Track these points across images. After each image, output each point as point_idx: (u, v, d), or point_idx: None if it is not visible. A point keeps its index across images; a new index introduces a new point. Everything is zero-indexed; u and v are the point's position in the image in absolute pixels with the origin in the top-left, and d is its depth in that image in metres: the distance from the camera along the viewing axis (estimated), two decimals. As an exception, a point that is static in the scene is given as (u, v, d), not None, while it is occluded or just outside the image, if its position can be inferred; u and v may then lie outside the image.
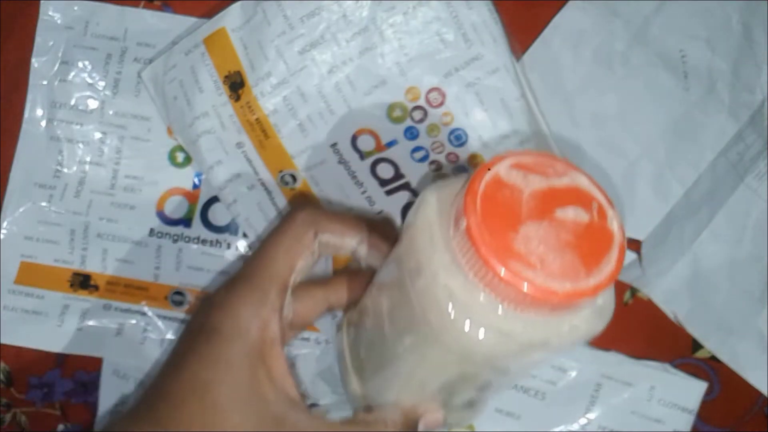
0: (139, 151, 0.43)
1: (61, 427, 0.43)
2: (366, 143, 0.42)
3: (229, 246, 0.43)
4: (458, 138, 0.42)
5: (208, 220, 0.43)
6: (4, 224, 0.43)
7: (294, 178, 0.41)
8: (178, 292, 0.43)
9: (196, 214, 0.43)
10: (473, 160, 0.42)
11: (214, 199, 0.43)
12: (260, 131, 0.41)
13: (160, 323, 0.42)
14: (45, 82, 0.43)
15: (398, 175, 0.41)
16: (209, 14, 0.43)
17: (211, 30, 0.41)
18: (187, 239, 0.43)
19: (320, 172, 0.41)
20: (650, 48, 0.44)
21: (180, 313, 0.42)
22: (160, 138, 0.43)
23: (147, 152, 0.43)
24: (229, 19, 0.41)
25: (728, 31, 0.45)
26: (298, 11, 0.41)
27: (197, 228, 0.43)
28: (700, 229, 0.44)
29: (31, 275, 0.43)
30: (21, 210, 0.43)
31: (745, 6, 0.45)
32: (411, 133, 0.42)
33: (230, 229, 0.43)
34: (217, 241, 0.43)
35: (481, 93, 0.42)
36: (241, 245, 0.43)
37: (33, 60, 0.43)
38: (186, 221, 0.43)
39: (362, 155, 0.42)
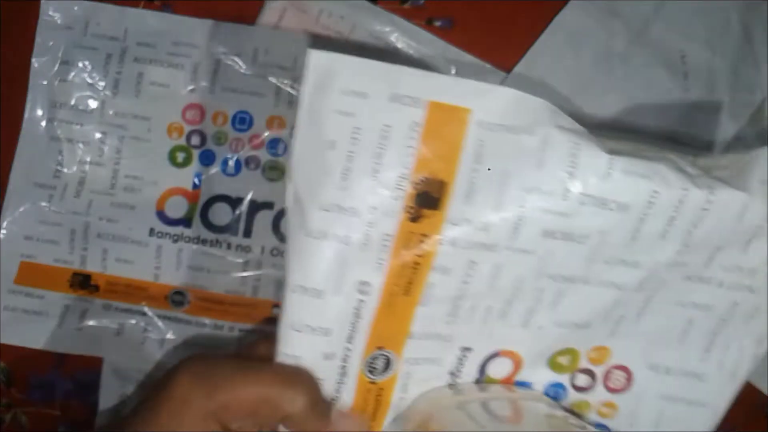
0: (139, 151, 0.43)
1: (61, 427, 0.43)
2: (500, 367, 0.33)
3: (229, 246, 0.43)
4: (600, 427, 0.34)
5: (208, 220, 0.43)
6: (4, 224, 0.43)
7: (388, 363, 0.30)
8: (178, 292, 0.43)
9: (196, 214, 0.43)
10: None
11: (214, 199, 0.43)
12: (406, 281, 0.29)
13: (160, 323, 0.42)
14: (45, 82, 0.43)
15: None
16: (209, 14, 0.43)
17: (449, 99, 0.28)
18: (187, 239, 0.43)
19: (424, 371, 0.31)
20: (650, 48, 0.44)
21: (180, 313, 0.42)
22: (160, 138, 0.43)
23: (147, 152, 0.43)
24: (487, 103, 0.28)
25: (728, 32, 0.45)
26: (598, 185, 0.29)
27: (197, 228, 0.43)
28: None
29: (31, 275, 0.42)
30: (21, 210, 0.43)
31: (745, 6, 0.45)
32: (557, 389, 0.34)
33: (230, 229, 0.43)
34: (217, 241, 0.43)
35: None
36: (242, 245, 0.43)
37: (33, 60, 0.43)
38: (186, 221, 0.43)
39: (481, 383, 0.33)
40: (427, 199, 0.27)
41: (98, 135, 0.43)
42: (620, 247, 0.30)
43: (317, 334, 0.28)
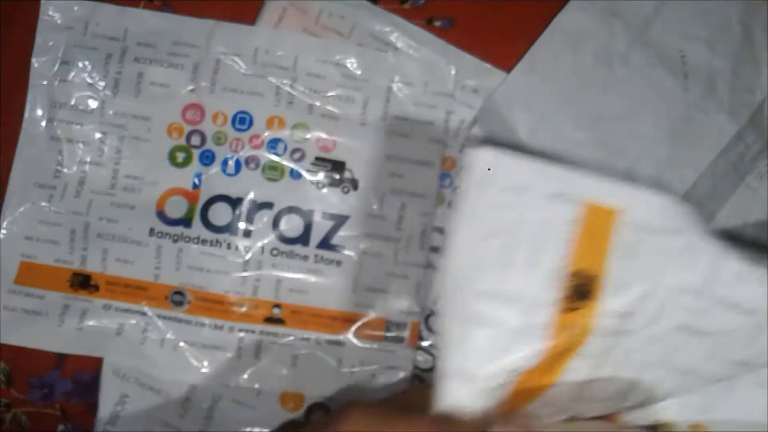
0: (139, 151, 0.43)
1: (61, 427, 0.43)
2: None
3: (229, 246, 0.43)
4: None
5: (208, 220, 0.43)
6: (4, 224, 0.43)
7: None
8: (178, 292, 0.43)
9: (196, 214, 0.43)
10: None
11: (214, 199, 0.43)
12: (550, 365, 0.30)
13: (160, 323, 0.42)
14: (45, 82, 0.43)
15: None
16: (209, 14, 0.44)
17: (603, 199, 0.29)
18: (187, 239, 0.43)
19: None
20: (650, 48, 0.44)
21: (180, 313, 0.42)
22: (160, 138, 0.43)
23: (147, 152, 0.43)
24: (639, 205, 0.29)
25: (728, 32, 0.45)
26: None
27: (197, 228, 0.43)
28: (701, 229, 0.44)
29: (31, 275, 0.42)
30: (21, 210, 0.43)
31: (745, 6, 0.45)
32: None
33: (230, 229, 0.43)
34: (217, 241, 0.43)
35: None
36: (242, 245, 0.43)
37: (33, 60, 0.43)
38: (186, 221, 0.43)
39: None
40: (581, 291, 0.29)
41: (98, 135, 0.43)
42: (739, 348, 0.31)
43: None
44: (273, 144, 0.43)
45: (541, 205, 0.29)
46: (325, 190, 0.43)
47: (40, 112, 0.43)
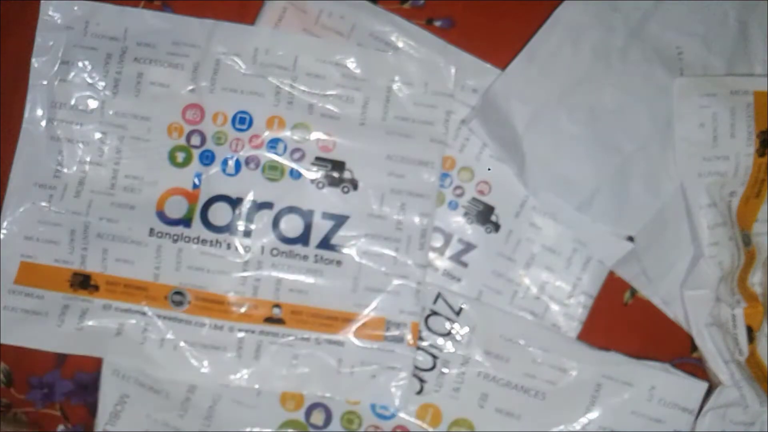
0: (139, 151, 0.43)
1: (61, 427, 0.43)
2: None
3: (229, 246, 0.43)
4: None
5: (208, 220, 0.43)
6: (4, 224, 0.43)
7: (748, 239, 0.42)
8: (178, 292, 0.43)
9: (196, 214, 0.43)
10: None
11: (214, 199, 0.43)
12: (758, 186, 0.43)
13: (160, 323, 0.42)
14: (45, 82, 0.43)
15: None
16: (209, 14, 0.44)
17: (763, 87, 0.44)
18: (187, 239, 0.43)
19: None
20: (648, 44, 0.44)
21: (180, 313, 0.42)
22: (160, 138, 0.43)
23: (147, 152, 0.43)
24: None
25: (724, 29, 0.45)
26: None
27: (197, 228, 0.43)
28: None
29: (31, 275, 0.42)
30: (21, 210, 0.43)
31: (742, 4, 0.45)
32: None
33: (230, 229, 0.43)
34: (217, 241, 0.43)
35: None
36: (242, 245, 0.43)
37: (33, 60, 0.43)
38: (186, 221, 0.43)
39: None
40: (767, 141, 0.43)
41: (98, 135, 0.43)
42: None
43: (716, 229, 0.43)
44: (273, 144, 0.44)
45: (724, 103, 0.43)
46: (325, 190, 0.43)
47: (40, 112, 0.43)
